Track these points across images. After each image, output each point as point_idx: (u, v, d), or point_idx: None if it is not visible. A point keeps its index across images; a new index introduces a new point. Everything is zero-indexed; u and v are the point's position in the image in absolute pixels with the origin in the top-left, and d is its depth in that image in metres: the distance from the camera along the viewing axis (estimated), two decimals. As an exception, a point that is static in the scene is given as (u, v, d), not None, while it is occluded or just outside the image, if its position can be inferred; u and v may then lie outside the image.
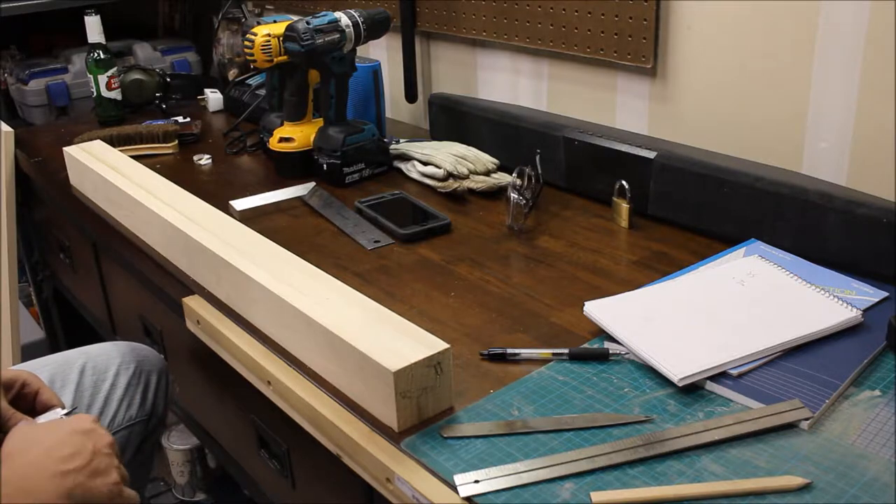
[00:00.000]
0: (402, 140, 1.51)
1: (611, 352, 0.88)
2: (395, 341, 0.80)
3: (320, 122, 1.45)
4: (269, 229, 1.21)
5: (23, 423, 0.86)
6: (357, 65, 1.43)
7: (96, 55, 1.77)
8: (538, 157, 1.24)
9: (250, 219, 1.26)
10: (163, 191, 1.24)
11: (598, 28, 1.34)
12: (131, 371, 1.16)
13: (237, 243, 1.05)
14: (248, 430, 1.13)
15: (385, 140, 1.49)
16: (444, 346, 0.79)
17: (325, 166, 1.41)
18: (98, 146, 1.46)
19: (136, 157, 1.45)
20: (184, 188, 1.25)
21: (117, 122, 1.81)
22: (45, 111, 2.14)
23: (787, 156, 1.17)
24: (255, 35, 1.44)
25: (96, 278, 1.58)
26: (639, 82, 1.35)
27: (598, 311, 0.94)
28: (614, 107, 1.40)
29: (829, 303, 0.91)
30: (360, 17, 1.37)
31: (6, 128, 1.72)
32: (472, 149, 1.39)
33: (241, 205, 1.30)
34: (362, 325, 0.84)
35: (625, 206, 1.19)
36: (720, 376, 0.82)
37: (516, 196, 1.19)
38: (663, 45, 1.29)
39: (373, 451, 0.77)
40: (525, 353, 0.89)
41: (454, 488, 0.71)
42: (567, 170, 1.30)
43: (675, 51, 1.28)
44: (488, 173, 1.34)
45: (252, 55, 1.44)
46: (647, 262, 1.09)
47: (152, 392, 1.17)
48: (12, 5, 1.99)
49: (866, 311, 0.90)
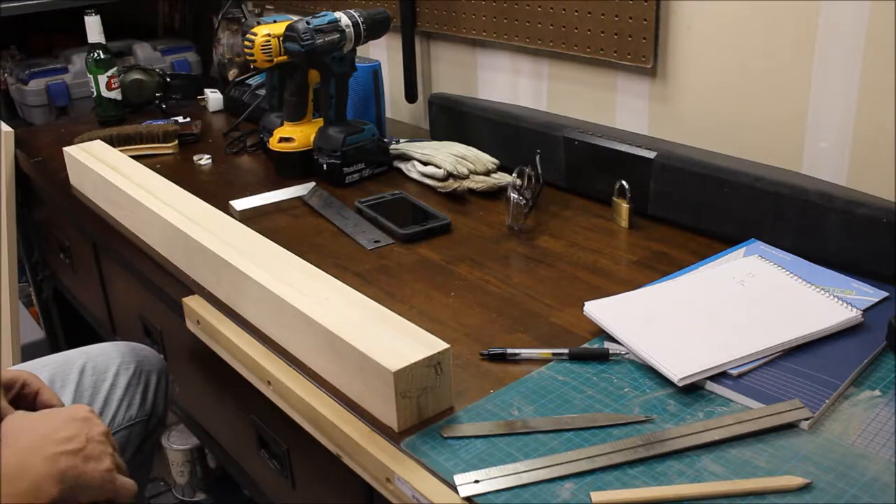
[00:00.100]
0: (402, 140, 1.51)
1: (611, 352, 0.88)
2: (395, 341, 0.80)
3: (320, 122, 1.45)
4: (269, 229, 1.21)
5: (20, 411, 0.87)
6: (357, 65, 1.43)
7: (96, 55, 1.77)
8: (538, 157, 1.24)
9: (250, 219, 1.26)
10: (163, 191, 1.24)
11: (598, 28, 1.34)
12: (131, 371, 1.16)
13: (237, 243, 1.05)
14: (248, 430, 1.13)
15: (385, 140, 1.49)
16: (444, 346, 0.79)
17: (325, 166, 1.41)
18: (98, 146, 1.46)
19: (136, 157, 1.45)
20: (184, 188, 1.25)
21: (117, 122, 1.81)
22: (45, 111, 2.14)
23: (787, 156, 1.17)
24: (255, 35, 1.44)
25: (96, 278, 1.58)
26: (639, 82, 1.35)
27: (598, 311, 0.94)
28: (614, 107, 1.40)
29: (829, 303, 0.90)
30: (360, 17, 1.37)
31: (6, 128, 1.72)
32: (472, 149, 1.39)
33: (241, 205, 1.30)
34: (362, 325, 0.84)
35: (625, 206, 1.19)
36: (720, 376, 0.82)
37: (516, 196, 1.19)
38: (663, 45, 1.29)
39: (373, 451, 0.77)
40: (525, 353, 0.89)
41: (454, 488, 0.71)
42: (567, 170, 1.30)
43: (675, 51, 1.28)
44: (488, 173, 1.34)
45: (252, 55, 1.44)
46: (647, 262, 1.09)
47: (152, 392, 1.17)
48: (12, 5, 1.99)
49: (866, 311, 0.90)
